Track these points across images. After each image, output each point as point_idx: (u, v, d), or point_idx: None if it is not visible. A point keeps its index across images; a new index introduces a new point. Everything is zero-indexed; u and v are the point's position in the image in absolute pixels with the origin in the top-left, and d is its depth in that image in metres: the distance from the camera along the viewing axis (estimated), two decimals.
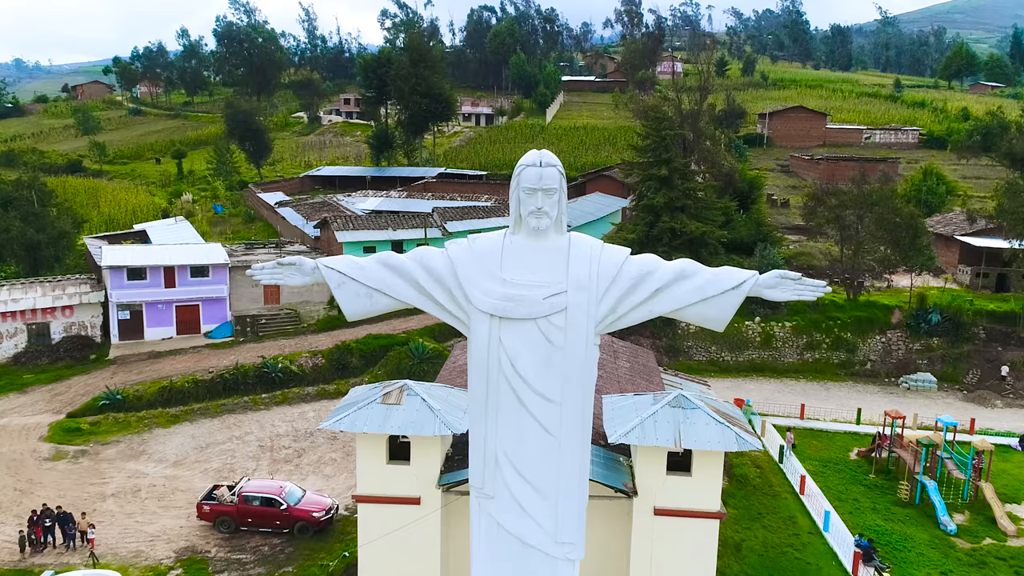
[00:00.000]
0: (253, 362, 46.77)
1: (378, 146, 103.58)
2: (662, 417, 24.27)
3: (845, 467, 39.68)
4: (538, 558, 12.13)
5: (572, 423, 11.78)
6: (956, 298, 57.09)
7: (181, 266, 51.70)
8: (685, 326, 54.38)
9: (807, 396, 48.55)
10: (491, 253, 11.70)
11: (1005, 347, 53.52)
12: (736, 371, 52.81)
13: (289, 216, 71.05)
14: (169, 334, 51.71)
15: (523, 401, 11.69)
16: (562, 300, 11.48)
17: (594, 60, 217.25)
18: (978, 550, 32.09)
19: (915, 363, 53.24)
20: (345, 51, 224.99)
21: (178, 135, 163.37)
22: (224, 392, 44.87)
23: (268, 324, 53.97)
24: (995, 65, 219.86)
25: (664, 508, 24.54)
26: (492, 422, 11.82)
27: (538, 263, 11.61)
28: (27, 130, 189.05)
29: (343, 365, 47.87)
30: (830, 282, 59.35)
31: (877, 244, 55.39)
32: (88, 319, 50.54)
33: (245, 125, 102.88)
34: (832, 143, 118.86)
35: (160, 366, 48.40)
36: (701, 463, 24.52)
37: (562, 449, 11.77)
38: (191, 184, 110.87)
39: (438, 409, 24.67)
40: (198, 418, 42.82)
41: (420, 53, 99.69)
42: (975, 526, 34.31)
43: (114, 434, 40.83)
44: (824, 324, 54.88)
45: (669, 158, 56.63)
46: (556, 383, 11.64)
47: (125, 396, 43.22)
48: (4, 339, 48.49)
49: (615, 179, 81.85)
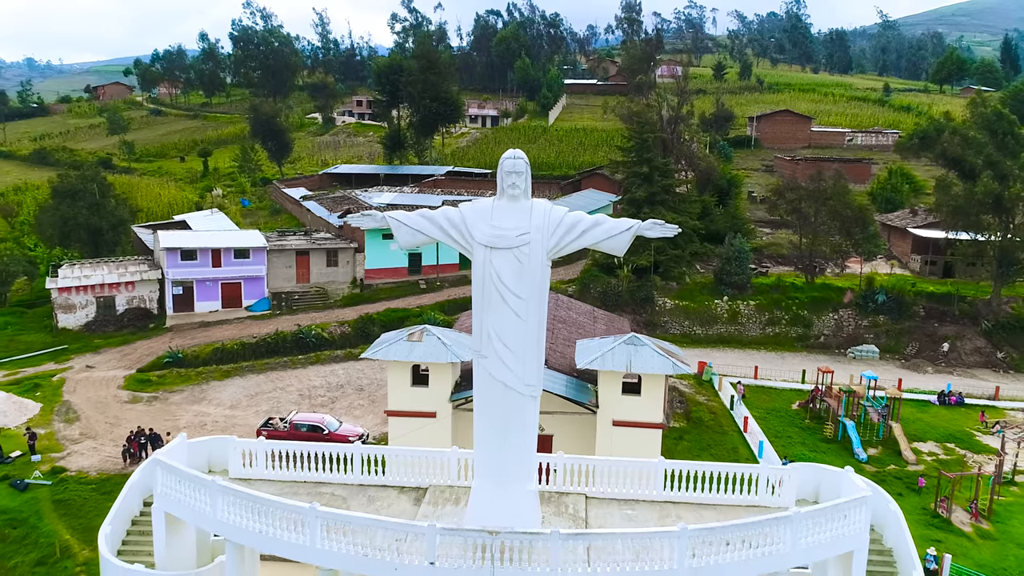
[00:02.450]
0: (290, 329, 54.98)
1: (391, 146, 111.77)
2: (619, 351, 32.38)
3: (786, 414, 47.68)
4: (514, 396, 20.08)
5: (534, 311, 19.76)
6: (901, 281, 64.94)
7: (226, 249, 59.93)
8: (662, 304, 62.36)
9: (765, 363, 56.43)
10: (485, 210, 19.73)
11: (941, 324, 61.35)
12: (706, 343, 60.69)
13: (314, 208, 79.25)
14: (215, 307, 59.92)
15: (504, 299, 19.66)
16: (527, 238, 19.45)
17: (596, 64, 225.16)
18: (881, 472, 40.05)
19: (862, 337, 61.12)
20: (356, 54, 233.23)
21: (198, 134, 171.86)
22: (267, 354, 53.07)
23: (300, 300, 62.17)
24: (985, 70, 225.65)
25: (620, 420, 32.64)
26: (486, 311, 19.81)
27: (513, 216, 19.60)
28: (54, 129, 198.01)
29: (366, 333, 55.86)
30: (795, 268, 67.47)
31: (831, 233, 63.23)
32: (147, 294, 58.78)
33: (268, 126, 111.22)
34: (816, 144, 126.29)
35: (209, 333, 56.64)
36: (648, 386, 32.61)
37: (528, 327, 19.74)
38: (216, 180, 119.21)
39: (450, 345, 32.79)
40: (246, 373, 51.03)
41: (430, 60, 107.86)
42: (884, 456, 42.32)
43: (178, 385, 49.06)
44: (784, 303, 62.77)
45: (650, 158, 64.68)
46: (524, 288, 19.60)
47: (185, 355, 51.47)
48: (77, 309, 56.76)
49: (607, 177, 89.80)
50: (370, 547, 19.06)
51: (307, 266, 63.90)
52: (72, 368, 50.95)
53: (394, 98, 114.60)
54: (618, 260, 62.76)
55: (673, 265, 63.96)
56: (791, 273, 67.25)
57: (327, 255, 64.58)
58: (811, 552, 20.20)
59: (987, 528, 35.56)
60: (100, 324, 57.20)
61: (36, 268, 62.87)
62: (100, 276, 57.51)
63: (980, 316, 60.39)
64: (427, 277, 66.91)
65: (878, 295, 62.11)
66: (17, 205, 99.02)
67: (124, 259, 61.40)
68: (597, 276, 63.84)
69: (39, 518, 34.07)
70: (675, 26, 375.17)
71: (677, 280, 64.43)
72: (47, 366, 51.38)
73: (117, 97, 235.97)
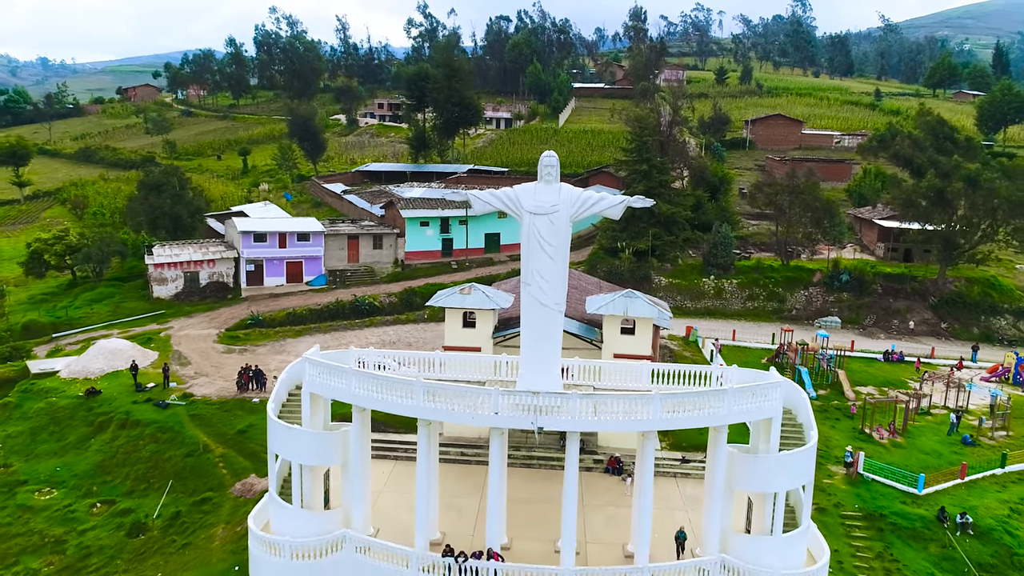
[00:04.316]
0: (348, 299, 66.13)
1: (417, 146, 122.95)
2: (618, 301, 43.32)
3: (755, 366, 58.27)
4: (547, 311, 31.16)
5: (560, 256, 30.84)
6: (862, 264, 75.71)
7: (291, 233, 71.08)
8: (657, 282, 73.24)
9: (744, 330, 67.22)
10: (530, 189, 30.86)
11: (896, 299, 72.13)
12: (695, 314, 71.48)
13: (356, 201, 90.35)
14: (281, 282, 71.08)
15: (543, 247, 30.72)
16: (557, 207, 30.51)
17: (604, 68, 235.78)
18: (825, 405, 50.89)
19: (828, 310, 71.95)
20: (375, 58, 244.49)
21: (230, 134, 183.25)
22: (329, 318, 64.27)
23: (351, 276, 73.32)
24: (977, 75, 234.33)
25: (619, 353, 43.46)
26: (530, 255, 30.87)
27: (547, 194, 30.67)
28: (91, 129, 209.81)
29: (410, 303, 67.11)
30: (773, 253, 78.24)
31: (803, 223, 74.06)
32: (224, 270, 69.98)
33: (305, 128, 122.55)
34: (807, 146, 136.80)
35: (278, 303, 67.82)
36: (640, 328, 43.53)
37: (556, 266, 30.82)
38: (257, 177, 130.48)
39: (491, 297, 43.81)
40: (314, 333, 62.16)
41: (453, 69, 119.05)
42: (830, 395, 53.18)
43: (261, 341, 60.23)
44: (762, 281, 73.62)
45: (649, 157, 75.63)
46: (555, 240, 30.65)
47: (263, 318, 62.68)
48: (169, 282, 67.99)
49: (612, 174, 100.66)
50: (457, 405, 30.10)
51: (357, 248, 75.04)
52: (172, 328, 62.23)
53: (420, 102, 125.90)
54: (621, 244, 73.93)
55: (668, 249, 74.90)
56: (770, 257, 78.10)
57: (373, 239, 75.76)
58: (741, 415, 31.08)
59: (900, 441, 46.41)
60: (187, 294, 68.42)
61: (127, 249, 74.15)
62: (187, 255, 68.78)
63: (928, 293, 71.15)
64: (457, 259, 78.10)
65: (842, 275, 72.90)
66: (83, 198, 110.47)
67: (204, 241, 72.74)
68: (603, 258, 74.80)
69: (181, 427, 45.24)
70: (681, 29, 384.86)
71: (671, 262, 75.33)
72: (151, 326, 62.65)
73: (147, 98, 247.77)
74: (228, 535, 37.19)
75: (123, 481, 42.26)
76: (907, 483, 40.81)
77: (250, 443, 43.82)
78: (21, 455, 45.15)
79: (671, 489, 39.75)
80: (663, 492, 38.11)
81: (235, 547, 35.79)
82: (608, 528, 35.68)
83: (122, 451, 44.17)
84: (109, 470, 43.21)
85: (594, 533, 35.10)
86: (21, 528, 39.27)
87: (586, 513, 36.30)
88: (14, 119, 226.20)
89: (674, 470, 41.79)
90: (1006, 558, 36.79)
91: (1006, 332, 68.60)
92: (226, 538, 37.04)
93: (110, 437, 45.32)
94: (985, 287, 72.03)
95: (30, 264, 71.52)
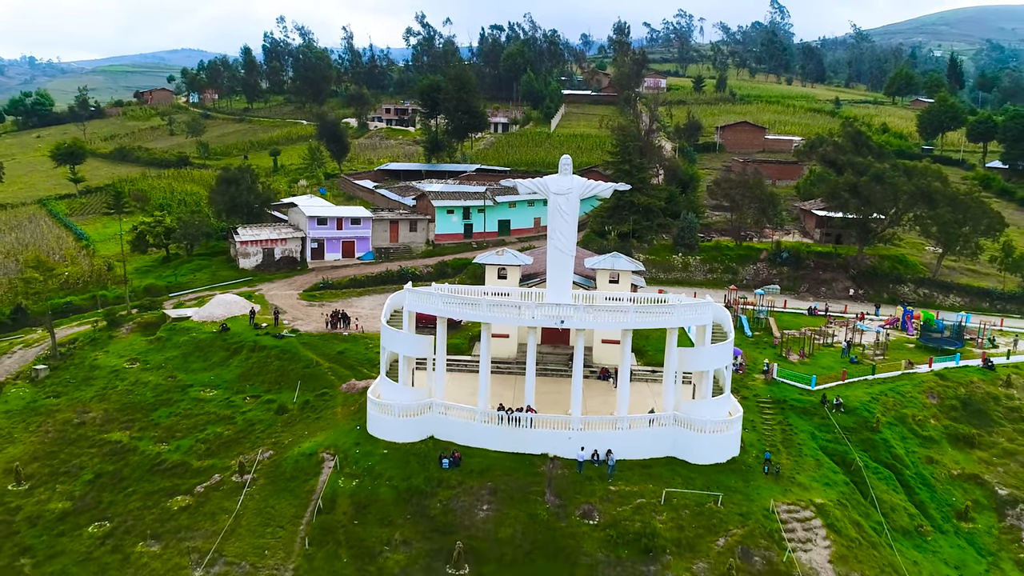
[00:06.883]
0: (395, 269, 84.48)
1: (431, 148, 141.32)
2: (607, 259, 61.97)
3: None
4: (565, 256, 49.90)
5: (572, 221, 49.62)
6: (799, 245, 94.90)
7: (345, 217, 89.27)
8: (637, 258, 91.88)
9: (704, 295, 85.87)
10: (555, 178, 49.69)
11: (824, 272, 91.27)
12: (666, 283, 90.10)
13: (387, 193, 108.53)
14: (338, 257, 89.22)
15: (562, 215, 49.47)
16: (572, 190, 49.28)
17: (591, 76, 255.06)
18: (757, 340, 69.70)
19: (771, 280, 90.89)
20: (378, 65, 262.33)
21: (250, 136, 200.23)
22: (380, 283, 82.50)
23: (393, 253, 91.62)
24: (933, 84, 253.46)
25: (608, 297, 62.13)
26: (553, 221, 49.59)
27: (565, 181, 49.43)
28: (118, 130, 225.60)
29: (443, 272, 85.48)
30: (730, 237, 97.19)
31: (751, 211, 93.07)
32: (294, 247, 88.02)
33: (332, 131, 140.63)
34: (770, 150, 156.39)
35: (338, 272, 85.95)
36: (622, 279, 62.19)
37: (570, 226, 49.63)
38: (285, 175, 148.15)
39: (518, 256, 62.34)
40: (371, 294, 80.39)
41: (462, 82, 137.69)
42: (763, 336, 71.97)
43: (332, 299, 78.34)
44: (720, 258, 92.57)
45: (630, 159, 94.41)
46: (570, 210, 49.38)
47: (332, 282, 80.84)
48: (251, 256, 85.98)
49: (600, 173, 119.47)
50: (507, 312, 48.60)
51: (396, 231, 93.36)
52: (261, 289, 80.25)
53: (434, 110, 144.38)
54: (608, 228, 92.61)
55: (645, 232, 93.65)
56: (727, 240, 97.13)
57: (409, 224, 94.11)
58: (687, 321, 49.86)
59: (807, 361, 65.31)
60: (265, 267, 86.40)
61: (213, 231, 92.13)
62: (266, 235, 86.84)
63: (849, 267, 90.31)
64: (477, 240, 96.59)
65: (783, 253, 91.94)
66: (143, 192, 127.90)
67: (275, 224, 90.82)
68: (594, 239, 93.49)
69: (296, 350, 63.33)
70: (664, 35, 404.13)
71: (648, 243, 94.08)
72: (244, 288, 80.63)
73: (163, 101, 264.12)
74: (345, 412, 55.36)
75: (262, 383, 60.35)
76: (804, 383, 59.67)
77: (347, 359, 62.10)
78: (180, 370, 63.08)
79: (644, 388, 58.30)
80: (638, 390, 56.59)
81: (352, 417, 53.94)
82: (600, 410, 54.24)
83: (256, 366, 62.24)
84: (249, 378, 61.26)
85: (590, 411, 53.63)
86: (200, 411, 57.27)
87: (585, 401, 54.78)
88: (40, 120, 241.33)
89: (646, 378, 60.39)
90: (863, 424, 55.71)
91: (907, 296, 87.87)
92: (344, 414, 55.21)
93: (244, 357, 63.36)
94: (895, 262, 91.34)
95: (135, 242, 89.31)
